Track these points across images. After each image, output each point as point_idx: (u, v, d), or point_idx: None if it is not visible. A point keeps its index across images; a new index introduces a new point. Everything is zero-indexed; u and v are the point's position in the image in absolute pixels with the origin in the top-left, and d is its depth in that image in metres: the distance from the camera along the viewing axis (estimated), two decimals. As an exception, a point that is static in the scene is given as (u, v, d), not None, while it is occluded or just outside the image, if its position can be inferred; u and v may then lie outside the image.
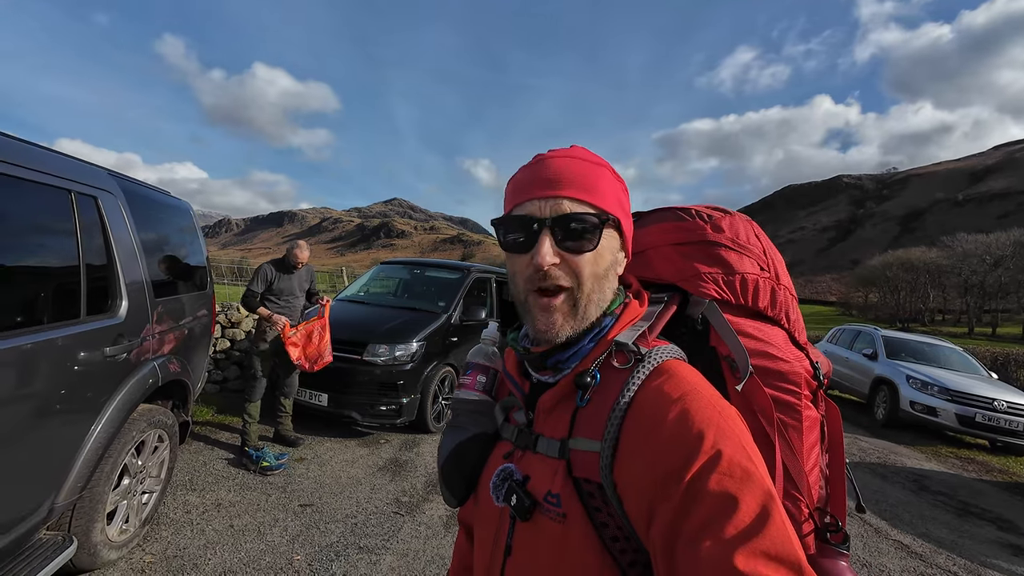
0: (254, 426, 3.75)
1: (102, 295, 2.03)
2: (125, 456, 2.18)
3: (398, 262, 6.52)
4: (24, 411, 1.59)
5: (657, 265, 0.74)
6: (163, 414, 2.50)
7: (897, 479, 4.97)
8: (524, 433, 0.63)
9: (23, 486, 1.64)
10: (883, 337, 8.58)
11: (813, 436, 0.69)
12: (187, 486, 3.13)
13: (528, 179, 0.59)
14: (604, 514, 0.52)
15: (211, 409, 4.67)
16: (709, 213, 0.74)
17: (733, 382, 0.64)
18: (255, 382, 3.78)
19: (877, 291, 71.64)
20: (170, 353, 2.56)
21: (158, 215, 2.64)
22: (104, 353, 1.97)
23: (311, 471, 3.58)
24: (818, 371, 0.71)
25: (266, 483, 3.30)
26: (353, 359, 4.41)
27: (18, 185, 1.64)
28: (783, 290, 0.72)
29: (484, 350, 0.75)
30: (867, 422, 7.61)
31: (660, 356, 0.57)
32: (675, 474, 0.46)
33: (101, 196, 2.08)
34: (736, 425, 0.50)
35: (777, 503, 0.44)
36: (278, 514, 2.91)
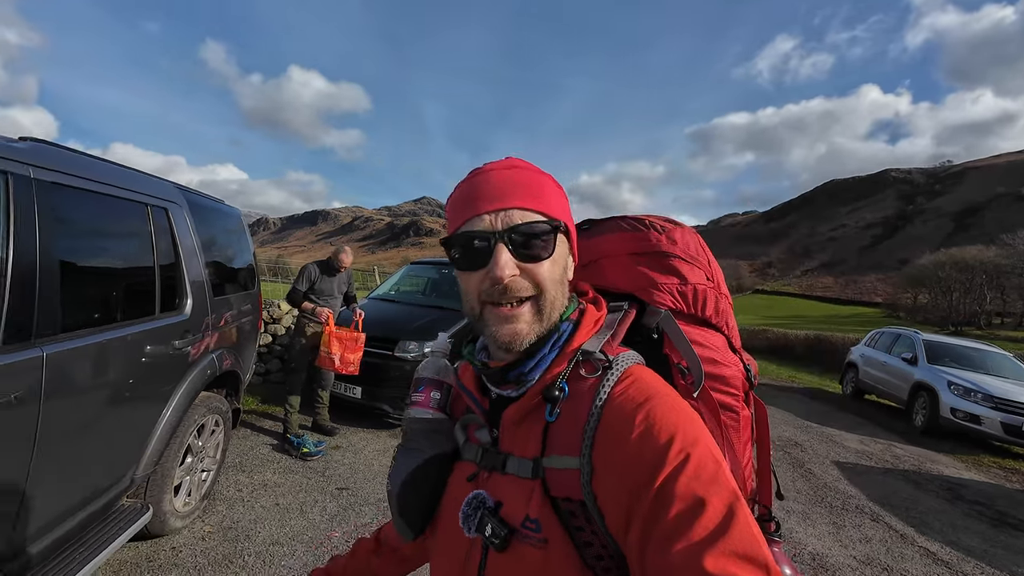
0: (295, 415, 4.06)
1: (172, 294, 2.32)
2: (189, 437, 2.47)
3: (427, 262, 6.77)
4: (114, 395, 1.87)
5: (611, 274, 0.74)
6: (219, 401, 2.79)
7: (931, 487, 4.84)
8: (490, 453, 0.60)
9: (112, 459, 1.93)
10: (924, 341, 8.25)
11: (747, 433, 0.72)
12: (238, 467, 3.44)
13: (471, 194, 0.57)
14: (588, 533, 0.51)
15: (256, 399, 5.04)
16: (662, 224, 0.75)
17: (684, 388, 0.64)
18: (295, 375, 4.09)
19: (927, 292, 67.60)
20: (224, 347, 2.85)
21: (214, 221, 2.93)
22: (174, 346, 2.25)
23: (346, 458, 3.85)
24: (750, 373, 0.75)
25: (306, 467, 3.59)
26: (385, 355, 4.68)
27: (107, 201, 1.92)
28: (724, 299, 0.76)
29: (436, 363, 0.70)
30: (904, 429, 7.36)
31: (625, 362, 0.57)
32: (646, 481, 0.46)
33: (170, 207, 2.36)
34: (700, 426, 0.51)
35: (742, 502, 0.45)
36: (317, 496, 3.18)
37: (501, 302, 0.56)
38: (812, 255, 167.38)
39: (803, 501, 4.05)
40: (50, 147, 1.71)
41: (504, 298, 0.55)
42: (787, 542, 3.29)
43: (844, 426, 7.10)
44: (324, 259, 4.27)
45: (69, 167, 1.71)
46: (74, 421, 1.65)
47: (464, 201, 0.58)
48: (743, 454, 0.71)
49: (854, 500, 4.21)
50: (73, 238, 1.73)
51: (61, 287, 1.58)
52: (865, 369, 9.41)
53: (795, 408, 8.03)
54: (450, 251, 0.59)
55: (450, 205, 0.60)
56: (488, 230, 0.55)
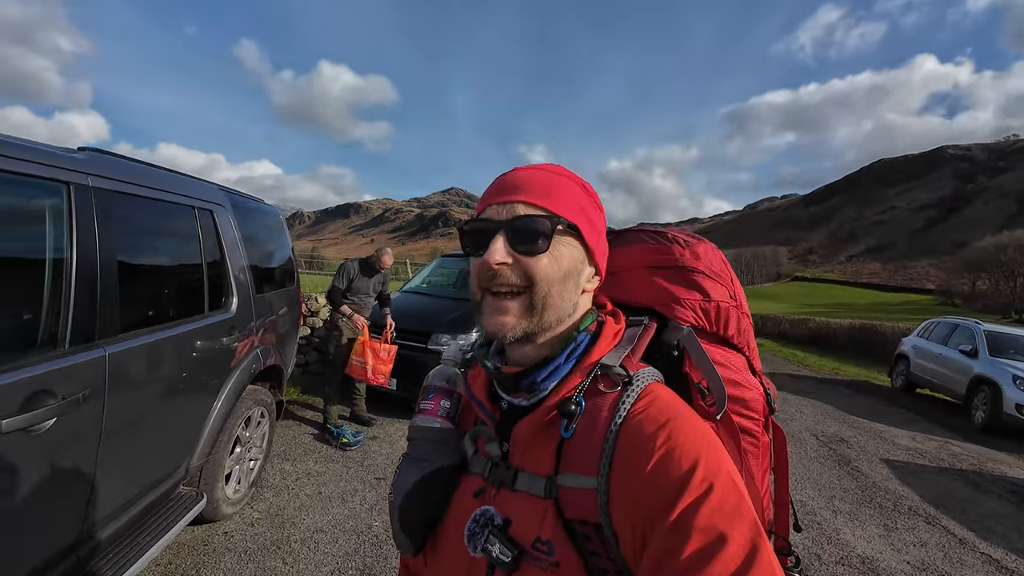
0: (333, 407, 4.19)
1: (218, 293, 2.41)
2: (237, 428, 2.58)
3: (458, 255, 6.81)
4: (169, 390, 1.97)
5: (631, 287, 0.72)
6: (264, 394, 2.90)
7: (993, 488, 4.54)
8: (499, 467, 0.57)
9: (169, 450, 2.04)
10: (985, 332, 7.68)
11: (765, 461, 0.70)
12: (282, 456, 3.60)
13: (491, 189, 0.59)
14: (603, 559, 0.49)
15: (296, 389, 5.24)
16: (685, 238, 0.73)
17: (702, 408, 0.62)
18: (332, 367, 4.22)
19: (987, 277, 62.95)
20: (267, 342, 2.95)
21: (256, 221, 3.02)
22: (222, 342, 2.34)
23: (383, 448, 3.96)
24: (769, 397, 0.72)
25: (346, 457, 3.71)
26: (419, 347, 4.76)
27: (157, 205, 2.00)
28: (746, 318, 0.73)
29: (446, 372, 0.68)
30: (961, 425, 6.92)
31: (645, 379, 0.56)
32: (664, 508, 0.44)
33: (215, 209, 2.45)
34: (723, 455, 0.49)
35: (764, 538, 0.43)
36: (357, 485, 3.28)
37: (494, 291, 0.55)
38: (858, 240, 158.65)
39: (850, 501, 3.88)
40: (105, 156, 1.79)
41: (494, 285, 0.55)
42: (834, 544, 3.16)
43: (894, 422, 6.74)
44: (364, 257, 4.34)
45: (123, 174, 1.79)
46: (134, 416, 1.75)
47: (486, 195, 0.59)
48: (762, 482, 0.68)
49: (906, 501, 4.00)
50: (129, 242, 1.81)
51: (120, 290, 1.66)
52: (917, 361, 8.88)
53: (839, 402, 7.67)
54: (462, 238, 0.60)
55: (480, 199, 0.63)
56: (493, 219, 0.56)
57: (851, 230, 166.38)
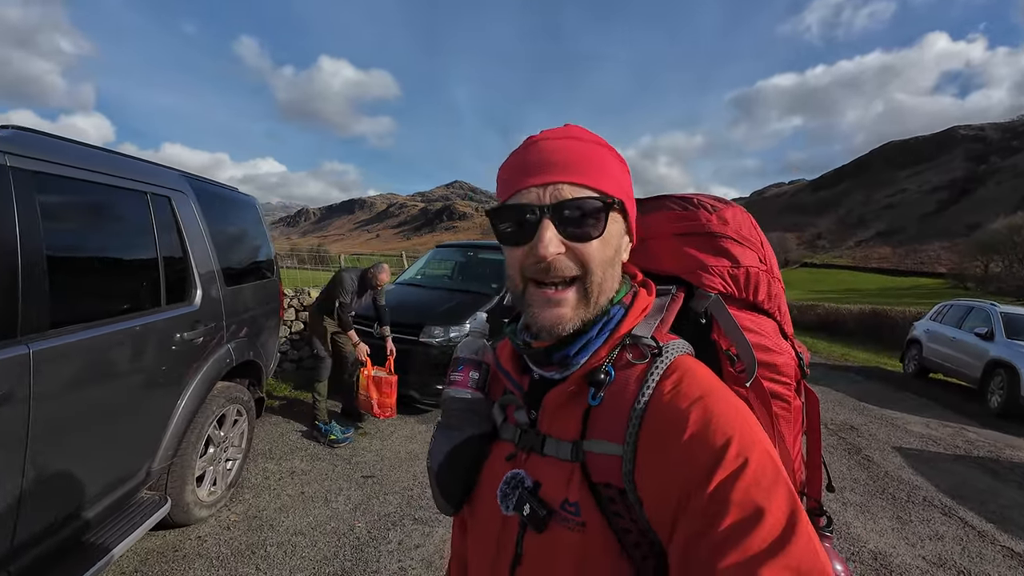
0: (323, 403, 4.07)
1: (180, 286, 2.27)
2: (208, 428, 2.45)
3: (452, 245, 6.65)
4: (117, 390, 1.83)
5: (659, 255, 0.70)
6: (240, 391, 2.77)
7: (1012, 477, 4.34)
8: (528, 434, 0.59)
9: (122, 453, 1.91)
10: (1002, 314, 7.41)
11: (797, 424, 0.70)
12: (267, 454, 3.48)
13: (522, 165, 0.54)
14: (626, 520, 0.50)
15: (288, 385, 5.13)
16: (712, 203, 0.71)
17: (731, 375, 0.62)
18: (321, 363, 4.08)
19: (1001, 260, 61.81)
20: (242, 336, 2.81)
21: (227, 211, 2.87)
22: (184, 337, 2.20)
23: (373, 445, 3.83)
24: (801, 361, 0.71)
25: (333, 455, 3.59)
26: (411, 340, 4.61)
27: (99, 190, 1.85)
28: (776, 283, 0.72)
29: (474, 344, 0.70)
30: (977, 411, 6.69)
31: (674, 351, 0.55)
32: (700, 482, 0.44)
33: (174, 196, 2.30)
34: (758, 427, 0.49)
35: (802, 513, 0.42)
36: (343, 484, 3.16)
37: (545, 281, 0.53)
38: (867, 224, 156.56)
39: (861, 492, 3.70)
40: (31, 134, 1.64)
41: (547, 277, 0.53)
42: (843, 538, 3.00)
43: (906, 408, 6.53)
44: (361, 272, 4.17)
45: (52, 155, 1.64)
46: (72, 418, 1.61)
47: (514, 172, 0.55)
48: (793, 445, 0.69)
49: (921, 491, 3.82)
50: (62, 230, 1.66)
51: (49, 282, 1.51)
52: (930, 345, 8.62)
53: (849, 389, 7.46)
54: (495, 224, 0.56)
55: (501, 174, 0.58)
56: (535, 204, 0.52)
57: (860, 214, 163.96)
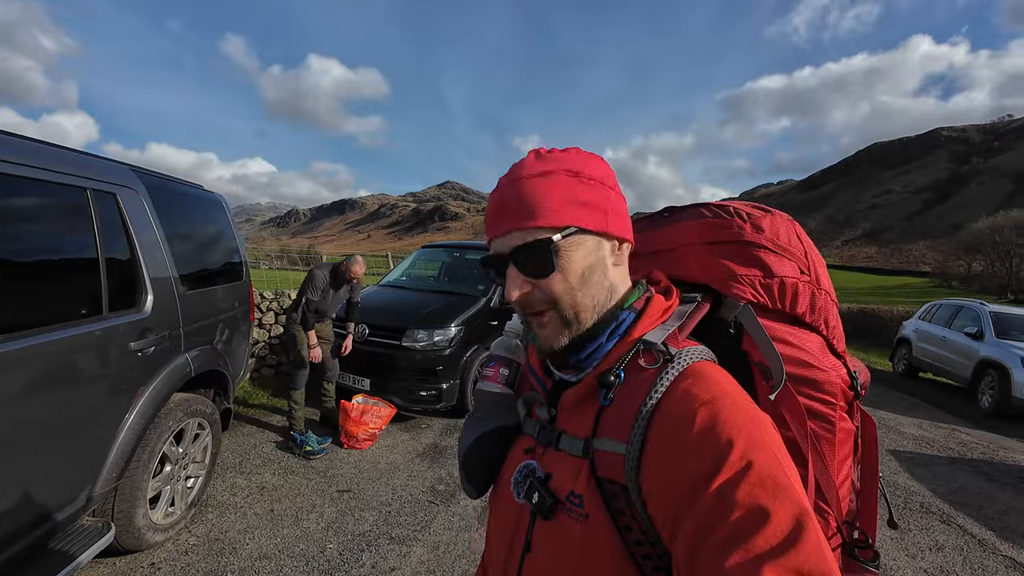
0: (299, 411, 3.87)
1: (126, 291, 2.07)
2: (163, 444, 2.26)
3: (438, 246, 6.46)
4: (47, 408, 1.64)
5: (689, 264, 0.70)
6: (202, 403, 2.57)
7: (1007, 479, 4.27)
8: (546, 429, 0.61)
9: (55, 479, 1.71)
10: (991, 313, 7.41)
11: (846, 448, 0.67)
12: (236, 468, 3.27)
13: (488, 215, 0.59)
14: (628, 517, 0.50)
15: (266, 392, 4.91)
16: (748, 212, 0.70)
17: (764, 389, 0.61)
18: (298, 371, 3.88)
19: (983, 259, 62.99)
20: (205, 344, 2.61)
21: (187, 209, 2.67)
22: (129, 347, 2.01)
23: (352, 456, 3.64)
24: (855, 381, 0.68)
25: (308, 467, 3.39)
26: (393, 344, 4.43)
27: (22, 185, 1.65)
28: (823, 295, 0.69)
29: (507, 342, 0.74)
30: (968, 411, 6.66)
31: (690, 357, 0.55)
32: (702, 482, 0.44)
33: (121, 192, 2.10)
34: (769, 434, 0.48)
35: (812, 519, 0.41)
36: (316, 499, 2.97)
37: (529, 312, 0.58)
38: (854, 224, 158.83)
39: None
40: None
41: (526, 311, 0.58)
42: (842, 550, 2.87)
43: (897, 409, 6.47)
44: (333, 266, 3.94)
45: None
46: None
47: (486, 222, 0.60)
48: (839, 471, 0.66)
49: (917, 497, 3.72)
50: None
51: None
52: (920, 345, 8.61)
53: (841, 389, 7.40)
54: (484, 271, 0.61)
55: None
56: (499, 253, 0.58)
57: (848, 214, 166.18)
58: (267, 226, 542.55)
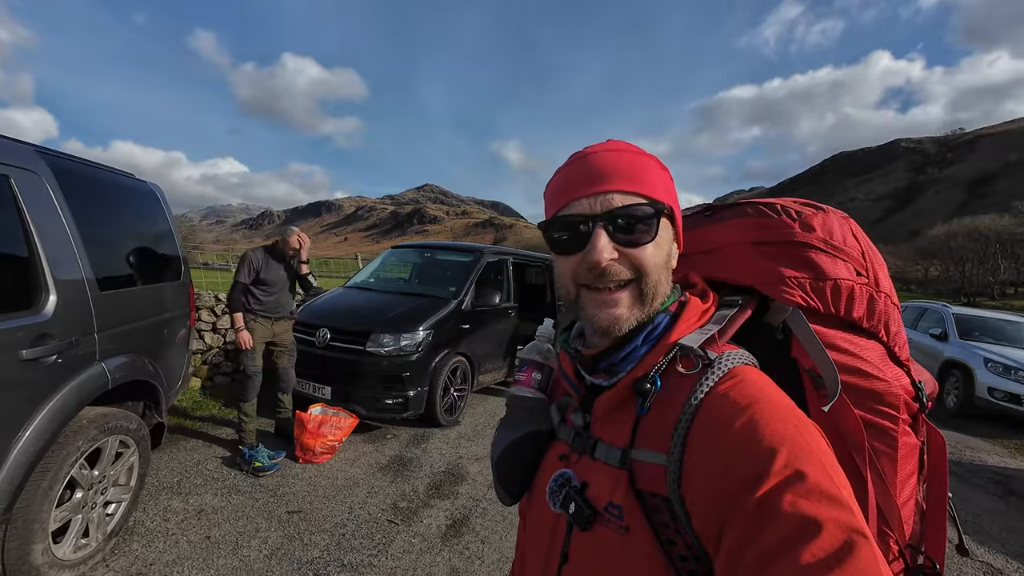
0: (250, 424, 3.55)
1: (18, 290, 1.77)
2: (70, 468, 1.95)
3: (408, 246, 6.20)
4: None
5: (733, 265, 0.67)
6: (124, 418, 2.26)
7: (977, 480, 4.29)
8: (581, 436, 0.59)
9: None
10: (954, 315, 7.61)
11: (910, 465, 0.63)
12: (173, 489, 2.94)
13: (570, 178, 0.56)
14: (672, 531, 0.48)
15: (218, 403, 4.55)
16: (798, 210, 0.66)
17: (816, 399, 0.58)
18: (248, 380, 3.55)
19: (939, 264, 66.25)
20: (128, 351, 2.31)
21: (110, 199, 2.37)
22: (20, 356, 1.71)
23: (307, 471, 3.35)
24: (921, 392, 0.64)
25: (256, 485, 3.09)
26: (356, 350, 4.16)
27: None
28: (883, 298, 0.64)
29: (539, 347, 0.72)
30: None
31: (731, 361, 0.52)
32: (743, 492, 0.41)
33: (15, 175, 1.80)
34: (814, 441, 0.44)
35: (866, 535, 0.38)
36: (261, 522, 2.68)
37: (599, 286, 0.55)
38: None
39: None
40: None
41: (602, 282, 0.54)
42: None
43: (869, 410, 6.54)
44: (270, 244, 3.68)
45: None
46: None
47: (563, 185, 0.57)
48: (902, 490, 0.61)
49: (893, 501, 3.67)
50: None
51: None
52: (887, 347, 8.82)
53: (813, 391, 7.47)
54: (547, 234, 0.58)
55: (549, 190, 0.60)
56: (586, 213, 0.54)
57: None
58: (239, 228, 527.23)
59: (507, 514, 3.02)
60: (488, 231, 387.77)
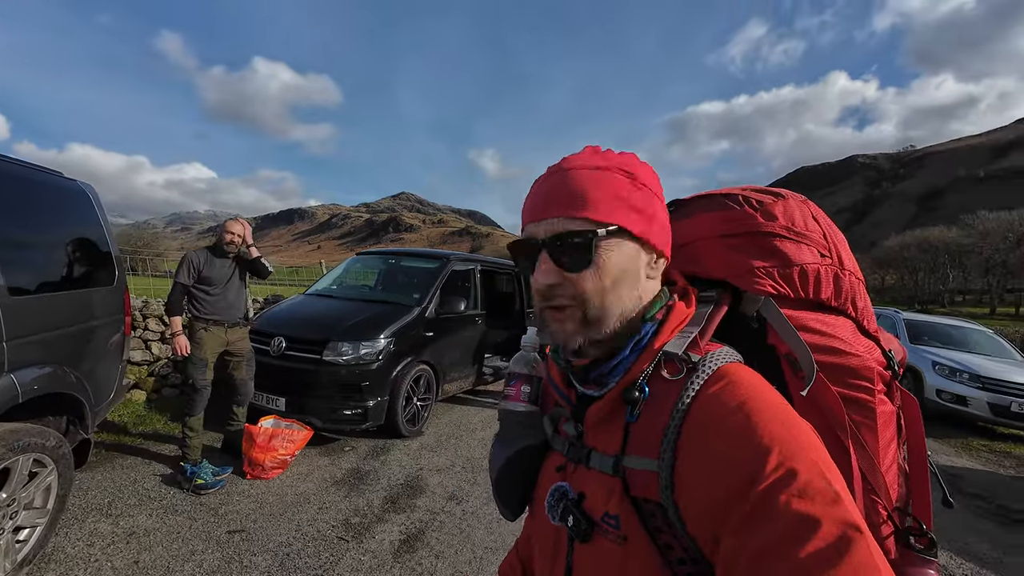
0: (195, 439, 3.34)
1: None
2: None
3: (373, 253, 6.08)
4: None
5: (705, 260, 0.67)
6: (38, 435, 2.08)
7: (933, 483, 4.43)
8: (575, 446, 0.60)
9: None
10: (905, 320, 7.96)
11: (889, 432, 0.64)
12: (102, 510, 2.73)
13: (529, 202, 0.59)
14: (668, 536, 0.48)
15: (163, 417, 4.29)
16: (759, 199, 0.67)
17: (795, 383, 0.59)
18: (196, 394, 3.34)
19: (894, 273, 69.80)
20: (46, 362, 2.13)
21: (24, 199, 2.20)
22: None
23: (254, 488, 3.17)
24: (892, 360, 0.66)
25: (197, 504, 2.90)
26: (313, 359, 4.00)
27: None
28: (848, 276, 0.66)
29: (525, 357, 0.71)
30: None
31: (715, 361, 0.52)
32: (738, 493, 0.42)
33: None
34: (806, 438, 0.45)
35: (862, 527, 0.39)
36: (198, 544, 2.50)
37: (550, 305, 0.56)
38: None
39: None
40: None
41: (548, 302, 0.56)
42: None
43: (828, 413, 6.73)
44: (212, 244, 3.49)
45: None
46: None
47: (525, 208, 0.60)
48: (884, 455, 0.62)
49: (847, 502, 3.75)
50: None
51: None
52: (845, 352, 9.15)
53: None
54: (513, 255, 0.61)
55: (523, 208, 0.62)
56: (534, 238, 0.57)
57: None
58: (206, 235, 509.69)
59: (464, 527, 2.93)
60: (465, 240, 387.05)
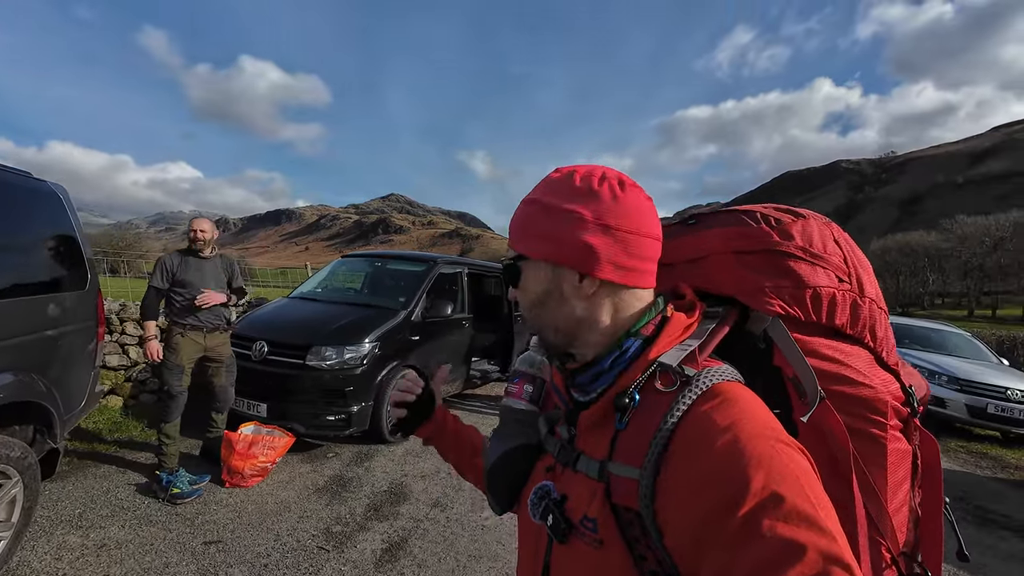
0: (172, 447, 3.24)
1: None
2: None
3: (359, 255, 6.01)
4: None
5: (716, 275, 0.66)
6: (2, 445, 2.00)
7: (906, 481, 4.51)
8: (566, 449, 0.60)
9: None
10: (886, 324, 8.12)
11: (901, 471, 0.62)
12: (73, 522, 2.64)
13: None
14: (643, 545, 0.49)
15: (140, 424, 4.18)
16: (777, 217, 0.66)
17: (801, 408, 0.58)
18: (171, 400, 3.25)
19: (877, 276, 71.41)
20: (10, 369, 2.06)
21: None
22: None
23: (233, 497, 3.10)
24: (911, 397, 0.64)
25: (172, 515, 2.82)
26: (296, 364, 3.93)
27: None
28: (868, 303, 0.64)
29: (532, 358, 0.73)
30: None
31: (712, 378, 0.52)
32: (720, 515, 0.41)
33: None
34: (795, 462, 0.44)
35: (846, 560, 0.37)
36: (172, 556, 2.43)
37: None
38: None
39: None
40: None
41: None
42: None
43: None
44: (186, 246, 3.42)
45: None
46: None
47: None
48: (893, 496, 0.61)
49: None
50: None
51: None
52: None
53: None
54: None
55: None
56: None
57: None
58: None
59: (448, 535, 2.89)
60: (455, 241, 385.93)
